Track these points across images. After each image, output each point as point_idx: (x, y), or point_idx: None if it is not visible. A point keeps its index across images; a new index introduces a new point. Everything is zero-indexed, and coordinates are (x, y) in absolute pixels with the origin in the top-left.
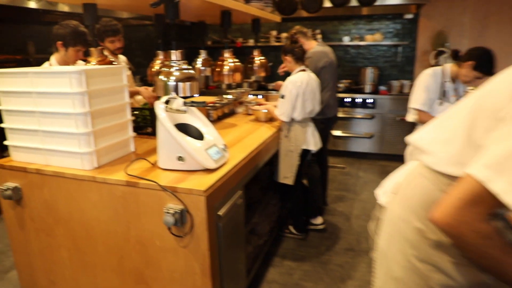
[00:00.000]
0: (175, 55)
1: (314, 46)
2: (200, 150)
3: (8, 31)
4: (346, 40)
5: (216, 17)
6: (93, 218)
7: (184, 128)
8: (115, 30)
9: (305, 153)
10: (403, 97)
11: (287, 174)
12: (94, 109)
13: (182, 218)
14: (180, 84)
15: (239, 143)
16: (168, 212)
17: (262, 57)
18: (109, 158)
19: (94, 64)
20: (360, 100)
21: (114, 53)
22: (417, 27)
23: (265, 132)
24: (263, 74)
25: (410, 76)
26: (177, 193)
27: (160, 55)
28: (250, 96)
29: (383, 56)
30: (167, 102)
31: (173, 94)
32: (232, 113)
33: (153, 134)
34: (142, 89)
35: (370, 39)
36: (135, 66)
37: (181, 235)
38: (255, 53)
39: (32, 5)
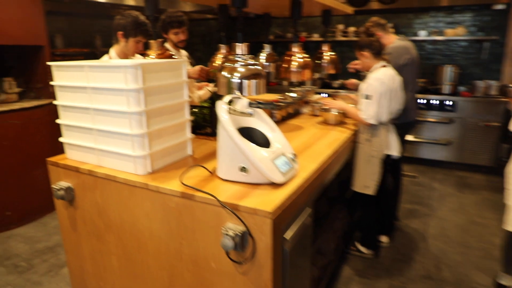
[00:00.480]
0: (240, 48)
1: (393, 40)
2: (266, 161)
3: (78, 26)
4: (422, 35)
5: (283, 8)
6: (145, 228)
7: (248, 132)
8: (180, 22)
9: (386, 159)
10: (489, 100)
11: (368, 182)
12: (150, 108)
13: (242, 242)
14: (245, 82)
15: (307, 150)
16: (227, 234)
17: (332, 53)
18: (164, 162)
19: (153, 58)
20: (437, 102)
21: (177, 46)
22: (509, 19)
23: (336, 137)
24: (332, 71)
25: (497, 76)
26: (239, 211)
27: (222, 49)
28: (316, 95)
29: (465, 52)
30: (230, 102)
31: (237, 93)
32: (296, 114)
33: (212, 134)
34: (189, 71)
35: (451, 33)
36: (195, 61)
37: (240, 261)
38: (324, 48)
39: None
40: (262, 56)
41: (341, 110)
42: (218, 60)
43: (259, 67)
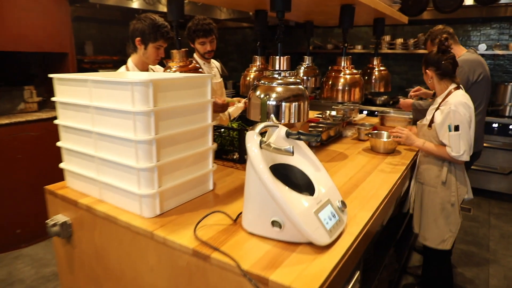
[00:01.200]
0: (279, 62)
1: (463, 53)
2: (308, 215)
3: (110, 32)
4: (481, 49)
5: (329, 15)
6: (149, 285)
7: (284, 171)
8: (207, 30)
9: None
10: None
11: (445, 236)
12: (163, 135)
13: None
14: (284, 105)
15: (356, 190)
16: None
17: (383, 67)
18: (177, 201)
19: (174, 71)
20: (497, 125)
21: (204, 57)
22: None
23: (390, 170)
24: (383, 89)
25: None
26: (268, 287)
27: (257, 61)
28: (360, 115)
29: None
30: (263, 132)
31: (273, 120)
32: (339, 137)
33: (240, 161)
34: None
35: None
36: (228, 71)
37: None
38: (375, 62)
39: (135, 5)
40: (302, 70)
41: (417, 146)
42: (252, 73)
43: (301, 87)
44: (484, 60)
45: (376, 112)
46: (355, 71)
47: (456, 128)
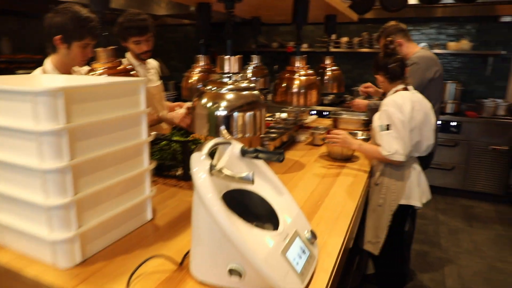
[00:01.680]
0: (229, 63)
1: (417, 50)
2: (274, 257)
3: (31, 27)
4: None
5: (279, 10)
6: None
7: (241, 199)
8: (142, 28)
9: (403, 210)
10: (497, 121)
11: (371, 237)
12: (82, 160)
13: None
14: (237, 116)
15: (321, 208)
16: None
17: (335, 67)
18: (106, 240)
19: (100, 74)
20: (440, 122)
21: (140, 57)
22: None
23: (350, 181)
24: (336, 90)
25: (502, 94)
26: None
27: (201, 61)
28: (311, 116)
29: (467, 68)
30: (212, 151)
31: (225, 135)
32: (292, 142)
33: (185, 178)
34: (169, 115)
35: (454, 47)
36: (170, 71)
37: None
38: (327, 61)
39: None
40: (249, 70)
41: (354, 149)
42: (195, 75)
43: (256, 92)
44: (437, 58)
45: (325, 113)
46: (310, 71)
47: (387, 128)
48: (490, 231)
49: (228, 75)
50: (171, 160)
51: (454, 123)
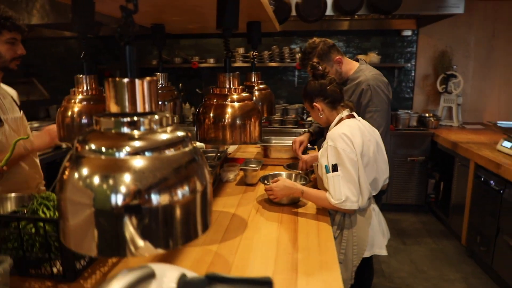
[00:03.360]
0: (132, 90)
1: (356, 66)
2: None
3: None
4: None
5: (189, 14)
6: None
7: None
8: (18, 25)
9: (365, 261)
10: (412, 132)
11: None
12: None
13: None
14: (156, 211)
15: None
16: None
17: (263, 85)
18: None
19: None
20: None
21: (8, 67)
22: (417, 46)
23: (313, 235)
24: (266, 114)
25: (409, 105)
26: None
27: (83, 83)
28: (232, 145)
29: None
30: None
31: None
32: (218, 183)
33: (67, 278)
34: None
35: (365, 59)
36: (51, 93)
37: None
38: (253, 78)
39: None
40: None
41: (298, 198)
42: (76, 107)
43: (192, 147)
44: None
45: None
46: (245, 94)
47: (334, 168)
48: (423, 246)
49: (134, 115)
50: (40, 250)
51: None
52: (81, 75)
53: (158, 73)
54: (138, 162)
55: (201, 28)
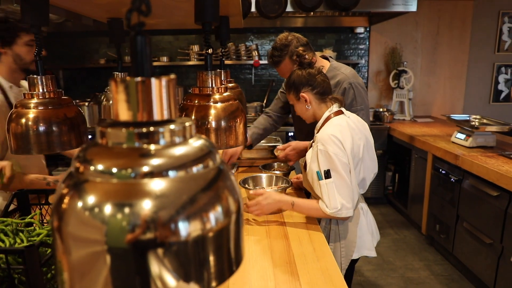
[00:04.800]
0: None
1: (328, 64)
2: None
3: None
4: None
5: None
6: None
7: None
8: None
9: (352, 263)
10: (370, 127)
11: None
12: None
13: None
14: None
15: None
16: None
17: (233, 84)
18: None
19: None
20: None
21: (28, 68)
22: (370, 43)
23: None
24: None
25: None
26: None
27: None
28: None
29: None
30: None
31: None
32: None
33: None
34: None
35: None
36: None
37: None
38: (222, 76)
39: None
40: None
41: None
42: (32, 112)
43: (207, 144)
44: None
45: None
46: (226, 93)
47: (327, 175)
48: (386, 237)
49: (149, 127)
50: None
51: None
52: (35, 76)
53: (116, 73)
54: (161, 185)
55: (165, 23)
